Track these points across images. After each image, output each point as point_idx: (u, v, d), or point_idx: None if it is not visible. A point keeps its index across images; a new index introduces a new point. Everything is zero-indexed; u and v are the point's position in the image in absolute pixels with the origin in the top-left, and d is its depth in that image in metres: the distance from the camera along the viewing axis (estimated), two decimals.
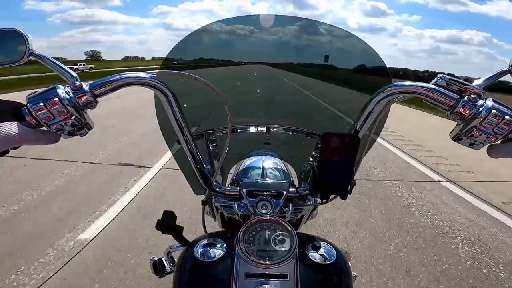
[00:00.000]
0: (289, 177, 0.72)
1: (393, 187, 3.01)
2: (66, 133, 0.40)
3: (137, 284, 1.53)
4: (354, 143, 0.46)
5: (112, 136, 4.34)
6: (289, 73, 1.05)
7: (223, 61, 0.94)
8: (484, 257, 1.91)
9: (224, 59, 0.95)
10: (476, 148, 0.41)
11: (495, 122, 0.38)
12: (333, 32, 0.79)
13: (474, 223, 2.36)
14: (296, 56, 0.96)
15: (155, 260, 0.67)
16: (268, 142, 0.81)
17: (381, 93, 0.45)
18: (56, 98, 0.38)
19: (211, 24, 0.76)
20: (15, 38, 0.45)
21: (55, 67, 0.43)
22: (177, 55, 0.70)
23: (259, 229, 0.47)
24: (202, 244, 0.50)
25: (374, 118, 0.47)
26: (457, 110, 0.40)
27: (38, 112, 0.38)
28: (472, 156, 3.33)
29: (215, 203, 0.63)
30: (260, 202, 0.55)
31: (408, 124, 6.58)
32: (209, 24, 0.74)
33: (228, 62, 0.93)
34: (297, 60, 0.99)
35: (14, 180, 2.74)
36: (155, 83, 0.43)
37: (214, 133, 0.77)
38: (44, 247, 1.79)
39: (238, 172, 0.73)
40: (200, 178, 0.56)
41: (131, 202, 2.41)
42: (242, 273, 0.44)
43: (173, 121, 0.49)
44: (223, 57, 0.96)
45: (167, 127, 0.53)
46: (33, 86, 8.50)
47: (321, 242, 0.51)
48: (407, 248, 1.96)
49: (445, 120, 5.58)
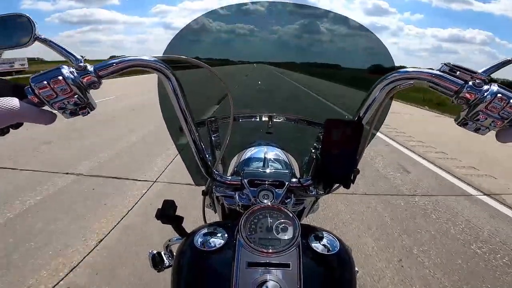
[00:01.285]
0: (291, 167, 0.71)
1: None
2: (68, 113, 0.41)
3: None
4: (357, 130, 0.46)
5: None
6: (296, 75, 1.03)
7: (221, 60, 0.92)
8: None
9: (221, 58, 0.93)
10: (482, 133, 0.41)
11: (501, 106, 0.38)
12: (335, 22, 0.79)
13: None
14: (298, 54, 0.95)
15: (153, 253, 0.66)
16: (270, 132, 0.81)
17: (384, 79, 0.44)
18: (60, 77, 0.38)
19: (206, 14, 0.76)
20: (22, 23, 0.46)
21: (61, 51, 0.44)
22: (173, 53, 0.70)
23: (261, 217, 0.46)
24: (202, 233, 0.49)
25: (377, 105, 0.47)
26: (462, 95, 0.40)
27: (41, 90, 0.38)
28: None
29: (216, 193, 0.62)
30: (262, 192, 0.54)
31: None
32: (204, 14, 0.74)
33: (226, 61, 0.91)
34: (298, 59, 0.99)
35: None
36: (159, 66, 0.44)
37: (216, 122, 0.76)
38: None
39: (239, 162, 0.72)
40: (201, 167, 0.56)
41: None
42: (244, 262, 0.43)
43: (176, 107, 0.49)
44: (220, 54, 0.94)
45: (170, 114, 0.53)
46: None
47: (323, 233, 0.50)
48: None
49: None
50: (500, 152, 4.24)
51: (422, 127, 6.46)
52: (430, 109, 9.76)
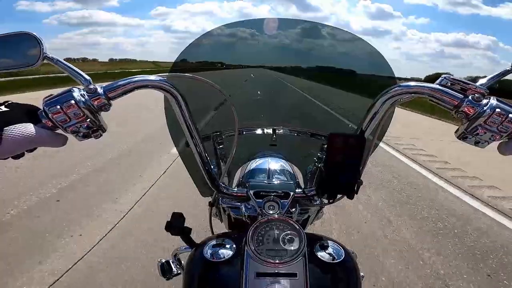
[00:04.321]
0: (295, 178, 0.73)
1: None
2: (81, 135, 0.41)
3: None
4: (360, 143, 0.47)
5: None
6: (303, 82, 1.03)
7: (228, 65, 0.94)
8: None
9: (228, 63, 0.95)
10: (481, 147, 0.42)
11: (499, 121, 0.39)
12: (337, 36, 0.80)
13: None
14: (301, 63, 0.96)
15: (162, 262, 0.68)
16: (274, 144, 0.82)
17: (386, 93, 0.46)
18: (72, 101, 0.39)
19: (217, 28, 0.78)
20: (30, 42, 0.46)
21: (68, 70, 0.44)
22: (184, 60, 0.71)
23: (268, 229, 0.48)
24: (211, 244, 0.51)
25: (380, 118, 0.48)
26: (461, 109, 0.41)
27: (55, 115, 0.39)
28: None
29: (222, 205, 0.63)
30: (268, 203, 0.55)
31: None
32: (214, 28, 0.76)
33: (231, 66, 0.93)
34: (302, 67, 0.99)
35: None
36: (165, 85, 0.45)
37: (221, 135, 0.78)
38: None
39: (244, 174, 0.73)
40: (207, 180, 0.57)
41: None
42: (252, 272, 0.44)
43: (182, 123, 0.50)
44: (228, 62, 0.96)
45: (176, 129, 0.54)
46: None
47: (329, 242, 0.52)
48: None
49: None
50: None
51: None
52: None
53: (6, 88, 9.82)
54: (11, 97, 3.81)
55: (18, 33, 0.47)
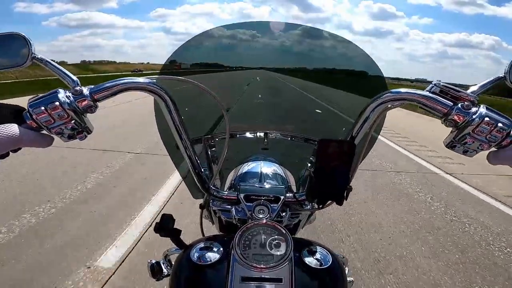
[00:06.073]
0: (286, 182, 0.72)
1: None
2: (66, 136, 0.41)
3: None
4: (350, 149, 0.47)
5: None
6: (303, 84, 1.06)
7: (224, 66, 0.94)
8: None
9: (224, 65, 0.95)
10: (470, 156, 0.42)
11: (488, 130, 0.39)
12: (331, 40, 0.80)
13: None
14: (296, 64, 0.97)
15: (152, 263, 0.67)
16: (266, 148, 0.82)
17: (377, 99, 0.45)
18: (57, 103, 0.39)
19: (212, 29, 0.77)
20: (19, 42, 0.46)
21: (57, 71, 0.44)
22: (178, 60, 0.71)
23: (255, 233, 0.48)
24: (199, 247, 0.50)
25: (371, 124, 0.48)
26: (450, 117, 0.41)
27: (39, 116, 0.39)
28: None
29: (213, 207, 0.63)
30: (258, 207, 0.55)
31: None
32: (210, 29, 0.75)
33: (228, 68, 0.93)
34: (298, 68, 1.01)
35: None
36: (154, 88, 0.44)
37: (213, 138, 0.77)
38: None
39: (236, 177, 0.73)
40: (198, 182, 0.56)
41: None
42: (238, 277, 0.44)
43: (171, 126, 0.49)
44: (222, 63, 0.96)
45: (166, 132, 0.54)
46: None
47: (317, 247, 0.51)
48: None
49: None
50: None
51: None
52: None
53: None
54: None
55: (6, 33, 0.47)
